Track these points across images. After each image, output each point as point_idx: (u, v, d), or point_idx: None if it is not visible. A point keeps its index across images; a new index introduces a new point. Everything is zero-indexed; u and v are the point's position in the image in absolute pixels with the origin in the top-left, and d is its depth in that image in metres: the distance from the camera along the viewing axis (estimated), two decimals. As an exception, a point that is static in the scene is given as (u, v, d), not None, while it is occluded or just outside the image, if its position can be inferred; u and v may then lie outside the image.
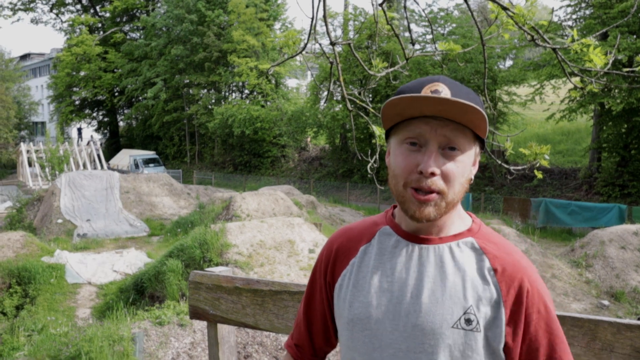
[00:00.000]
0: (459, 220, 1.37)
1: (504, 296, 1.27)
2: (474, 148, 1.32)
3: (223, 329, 2.12)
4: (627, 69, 3.26)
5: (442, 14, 32.36)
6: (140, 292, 10.53)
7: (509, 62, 35.29)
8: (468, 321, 1.25)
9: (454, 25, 31.48)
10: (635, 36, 21.41)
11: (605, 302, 11.19)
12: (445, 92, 1.26)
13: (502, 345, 1.27)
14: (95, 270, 12.82)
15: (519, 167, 3.36)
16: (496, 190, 26.46)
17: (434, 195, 1.26)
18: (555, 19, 24.61)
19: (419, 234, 1.34)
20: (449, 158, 1.26)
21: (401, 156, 1.29)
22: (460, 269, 1.29)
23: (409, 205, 1.28)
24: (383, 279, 1.33)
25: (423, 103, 1.23)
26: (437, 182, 1.25)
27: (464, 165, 1.28)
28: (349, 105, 3.47)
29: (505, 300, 1.27)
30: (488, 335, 1.26)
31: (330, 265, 1.46)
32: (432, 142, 1.26)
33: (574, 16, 24.78)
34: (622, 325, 1.51)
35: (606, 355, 1.52)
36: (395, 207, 1.46)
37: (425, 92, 1.26)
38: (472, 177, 1.34)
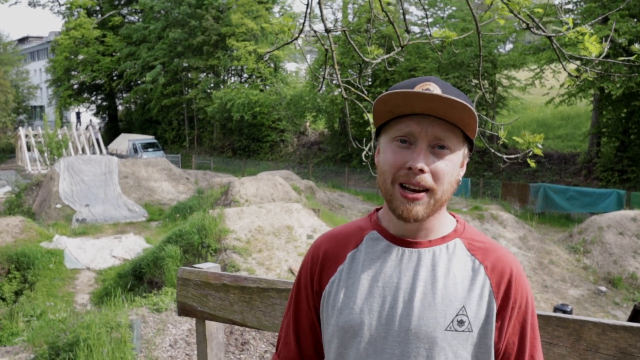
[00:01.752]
0: (445, 222, 1.37)
1: (496, 293, 1.29)
2: (463, 149, 1.32)
3: (211, 326, 2.12)
4: (622, 58, 3.24)
5: (441, -3, 32.09)
6: (139, 278, 10.56)
7: (509, 46, 35.10)
8: (460, 322, 1.26)
9: (453, 8, 31.24)
10: (635, 19, 21.25)
11: (603, 289, 11.23)
12: (436, 91, 1.26)
13: (493, 341, 1.29)
14: (94, 255, 12.85)
15: (512, 156, 3.36)
16: (495, 175, 26.43)
17: (422, 194, 1.26)
18: (556, 2, 24.42)
19: (407, 238, 1.34)
20: (438, 156, 1.26)
21: (390, 153, 1.29)
22: (450, 271, 1.30)
23: (397, 204, 1.27)
24: (374, 285, 1.32)
25: (414, 99, 1.23)
26: (426, 179, 1.25)
27: (453, 165, 1.29)
28: (344, 93, 3.46)
29: (497, 297, 1.29)
30: (481, 333, 1.28)
31: (317, 273, 1.43)
32: (422, 140, 1.26)
33: (575, -1, 24.63)
34: (607, 326, 1.51)
35: (591, 356, 1.53)
36: (378, 210, 1.45)
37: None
38: (460, 179, 1.35)
